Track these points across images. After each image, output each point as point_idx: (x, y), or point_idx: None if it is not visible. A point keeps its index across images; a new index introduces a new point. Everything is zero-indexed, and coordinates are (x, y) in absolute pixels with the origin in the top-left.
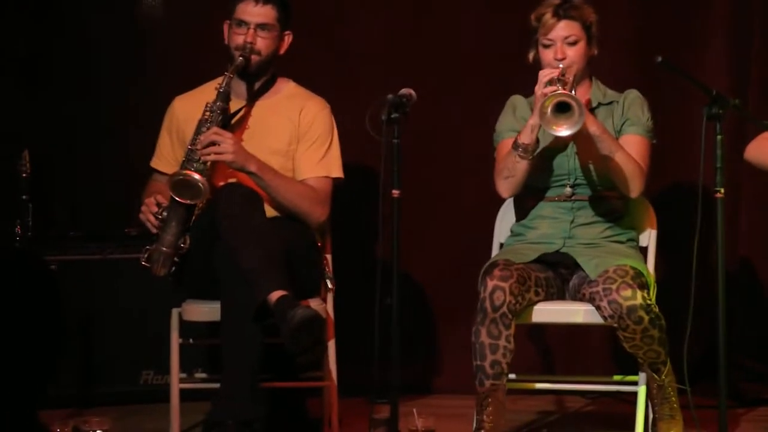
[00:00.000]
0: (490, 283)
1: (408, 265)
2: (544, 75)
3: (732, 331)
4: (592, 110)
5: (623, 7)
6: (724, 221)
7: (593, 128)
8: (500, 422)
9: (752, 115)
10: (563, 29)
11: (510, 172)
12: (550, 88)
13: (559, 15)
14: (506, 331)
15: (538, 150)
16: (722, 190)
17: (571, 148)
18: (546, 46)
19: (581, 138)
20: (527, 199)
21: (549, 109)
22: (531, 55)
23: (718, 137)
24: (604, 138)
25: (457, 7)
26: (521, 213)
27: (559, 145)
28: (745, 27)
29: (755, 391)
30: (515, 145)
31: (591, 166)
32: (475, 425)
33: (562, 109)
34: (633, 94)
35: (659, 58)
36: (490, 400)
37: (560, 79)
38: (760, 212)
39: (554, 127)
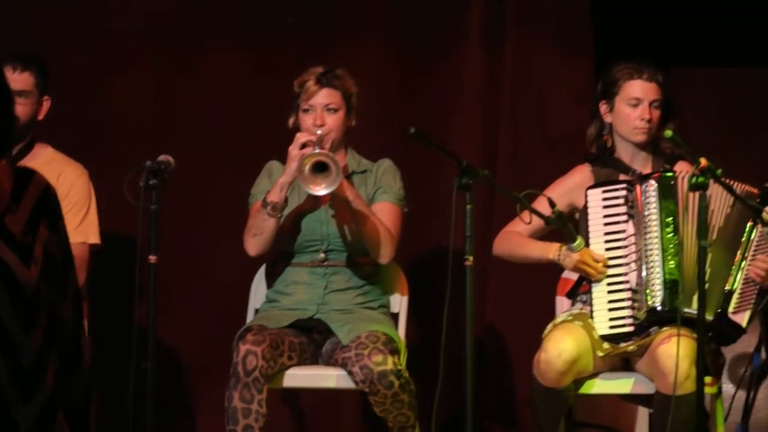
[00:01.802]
0: (243, 348)
1: (165, 329)
2: (301, 137)
3: (479, 396)
4: (347, 178)
5: (378, 78)
6: (473, 288)
7: (348, 193)
8: None
9: (500, 186)
10: (324, 97)
11: (258, 230)
12: (307, 149)
13: (321, 83)
14: (258, 395)
15: (289, 211)
16: (471, 258)
17: (325, 214)
18: (306, 111)
19: (336, 203)
20: (281, 265)
21: (307, 168)
22: (291, 121)
23: (468, 206)
24: (357, 204)
25: (220, 72)
26: (276, 279)
27: (314, 210)
28: (495, 100)
29: None
30: (264, 203)
31: (344, 232)
32: None
33: (320, 168)
34: (386, 164)
35: (412, 129)
36: None
37: (316, 144)
38: (507, 280)
39: (312, 186)
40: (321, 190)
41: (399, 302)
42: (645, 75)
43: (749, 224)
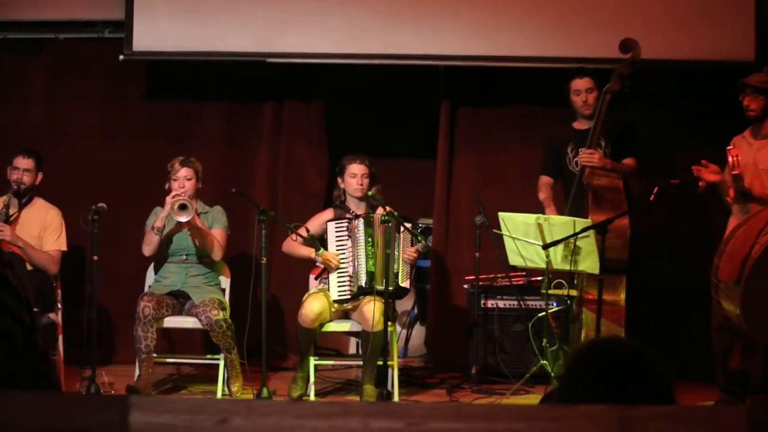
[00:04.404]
0: (142, 303)
1: (104, 295)
2: (172, 195)
3: (269, 333)
4: (197, 215)
5: (216, 162)
6: (267, 274)
7: (198, 222)
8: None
9: (280, 219)
10: (184, 172)
11: (149, 242)
12: (177, 197)
13: (182, 164)
14: (151, 329)
15: (166, 232)
16: (265, 259)
17: (185, 233)
18: (174, 180)
19: (191, 227)
20: (161, 260)
21: (176, 207)
22: (167, 185)
23: (263, 231)
24: (203, 228)
25: (137, 158)
26: (158, 270)
27: (179, 231)
28: (276, 174)
29: (279, 360)
30: (153, 228)
31: (196, 243)
32: None
33: (182, 208)
34: (218, 208)
35: (233, 190)
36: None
37: (181, 197)
38: (284, 269)
39: (178, 217)
40: (183, 218)
41: (226, 282)
42: (358, 160)
43: (397, 234)
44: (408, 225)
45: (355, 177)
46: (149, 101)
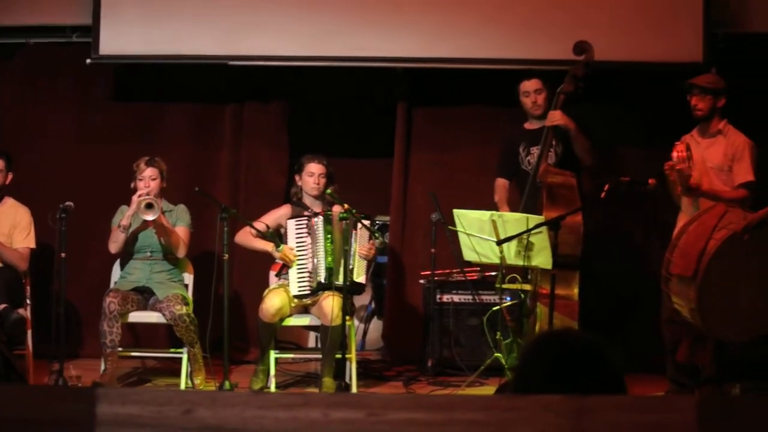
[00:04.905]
0: (107, 299)
1: (71, 290)
2: (139, 194)
3: (231, 327)
4: (162, 213)
5: (180, 161)
6: (229, 269)
7: (163, 221)
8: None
9: (242, 216)
10: (150, 171)
11: (115, 240)
12: (143, 197)
13: (148, 164)
14: (116, 324)
15: (131, 230)
16: (227, 255)
17: (151, 231)
18: (140, 180)
19: (156, 225)
20: (127, 259)
21: (143, 206)
22: (133, 184)
23: (225, 229)
24: (168, 227)
25: (105, 159)
26: (124, 266)
27: (145, 229)
28: (237, 175)
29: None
30: (119, 226)
31: (160, 241)
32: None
33: (149, 207)
34: (181, 206)
35: (197, 189)
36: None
37: (148, 196)
38: (245, 264)
39: (145, 215)
40: (150, 217)
41: (189, 278)
42: (316, 160)
43: (353, 231)
44: (366, 222)
45: (312, 176)
46: (116, 103)
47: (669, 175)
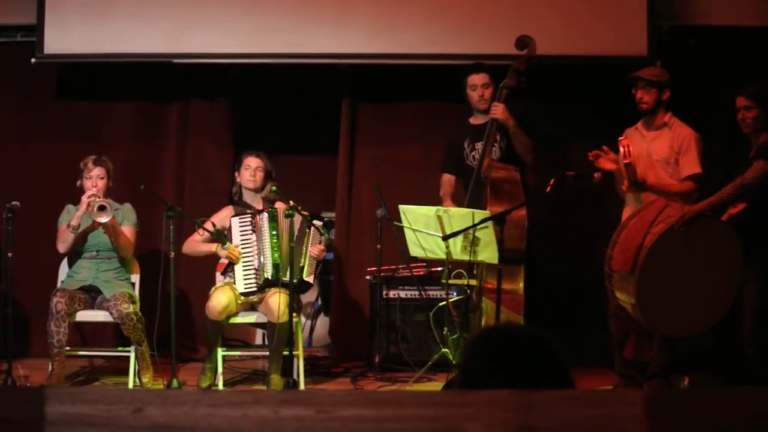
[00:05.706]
0: (54, 299)
1: (19, 291)
2: (89, 195)
3: (178, 325)
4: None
5: (125, 160)
6: (175, 269)
7: (115, 224)
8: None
9: (187, 215)
10: (97, 171)
11: (64, 240)
12: (94, 198)
13: (95, 163)
14: (63, 323)
15: (80, 230)
16: (173, 254)
17: (99, 231)
18: (88, 179)
19: (105, 226)
20: (74, 258)
21: (95, 208)
22: (79, 183)
23: (171, 227)
24: (117, 227)
25: (52, 161)
26: (72, 265)
27: (93, 230)
28: (183, 172)
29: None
30: (68, 226)
31: (108, 241)
32: None
33: (101, 209)
34: (128, 206)
35: (142, 186)
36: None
37: (98, 197)
38: (192, 265)
39: (98, 217)
40: (103, 219)
41: (135, 276)
42: (254, 154)
43: (307, 230)
44: (318, 223)
45: (248, 169)
46: (61, 102)
47: (603, 165)
